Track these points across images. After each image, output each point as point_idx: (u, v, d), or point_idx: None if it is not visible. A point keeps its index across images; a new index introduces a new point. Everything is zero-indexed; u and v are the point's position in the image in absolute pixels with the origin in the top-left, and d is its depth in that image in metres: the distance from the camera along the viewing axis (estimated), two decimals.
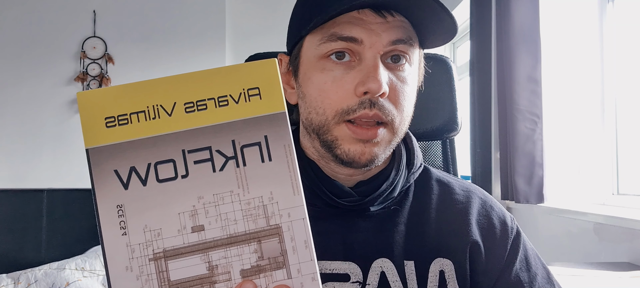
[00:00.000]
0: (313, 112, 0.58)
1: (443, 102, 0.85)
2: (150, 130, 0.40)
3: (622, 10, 1.84)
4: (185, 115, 0.40)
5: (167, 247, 0.39)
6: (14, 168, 2.92)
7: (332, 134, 0.57)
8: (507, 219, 0.67)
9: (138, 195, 0.39)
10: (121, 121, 0.40)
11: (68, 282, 2.38)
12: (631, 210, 1.58)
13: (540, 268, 0.64)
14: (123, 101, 0.40)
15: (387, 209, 0.63)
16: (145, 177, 0.39)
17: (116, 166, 0.39)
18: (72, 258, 2.54)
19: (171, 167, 0.40)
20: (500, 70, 1.89)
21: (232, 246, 0.39)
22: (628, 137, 1.82)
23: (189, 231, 0.39)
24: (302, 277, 0.40)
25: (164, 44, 3.01)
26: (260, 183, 0.40)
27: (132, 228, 0.39)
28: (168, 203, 0.39)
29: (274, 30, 3.19)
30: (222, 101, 0.40)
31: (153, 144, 0.40)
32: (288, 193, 0.40)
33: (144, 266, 0.39)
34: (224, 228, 0.39)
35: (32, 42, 2.96)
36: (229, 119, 0.40)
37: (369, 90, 0.54)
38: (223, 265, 0.39)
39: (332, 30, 0.55)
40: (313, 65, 0.58)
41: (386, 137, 0.58)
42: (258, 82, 0.40)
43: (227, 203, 0.40)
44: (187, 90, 0.40)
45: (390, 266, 0.59)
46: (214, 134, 0.40)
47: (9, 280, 2.42)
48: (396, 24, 0.56)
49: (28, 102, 2.95)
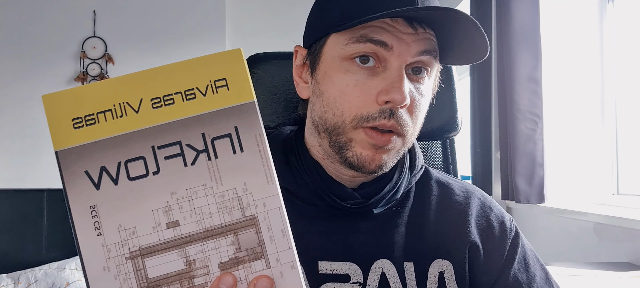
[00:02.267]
0: (329, 112, 0.57)
1: (443, 102, 0.85)
2: (118, 128, 0.40)
3: (622, 10, 1.84)
4: (153, 111, 0.40)
5: (143, 245, 0.39)
6: (14, 168, 2.93)
7: (346, 136, 0.57)
8: (505, 220, 0.67)
9: (110, 195, 0.39)
10: (88, 121, 0.39)
11: (68, 282, 2.38)
12: (631, 210, 1.58)
13: (539, 269, 0.64)
14: (89, 101, 0.40)
15: (388, 210, 0.63)
16: (116, 176, 0.39)
17: (86, 167, 0.39)
18: (72, 259, 2.54)
19: (142, 164, 0.39)
20: (500, 70, 1.89)
21: (209, 240, 0.39)
22: (628, 137, 1.82)
23: (164, 227, 0.39)
24: (282, 266, 0.39)
25: (164, 44, 3.01)
26: (233, 175, 0.39)
27: (107, 228, 0.39)
28: (141, 201, 0.39)
29: (274, 30, 3.20)
30: (190, 94, 0.40)
31: (122, 142, 0.39)
32: (262, 183, 0.40)
33: (121, 265, 0.39)
34: (199, 223, 0.39)
35: (32, 42, 2.96)
36: (197, 112, 0.40)
37: (392, 101, 0.54)
38: (201, 259, 0.39)
39: (362, 32, 0.55)
40: (336, 65, 0.57)
41: (397, 146, 0.58)
42: (225, 73, 0.40)
43: (201, 197, 0.39)
44: (153, 85, 0.40)
45: (391, 267, 0.59)
46: (183, 128, 0.40)
47: (9, 280, 2.42)
48: (425, 37, 0.55)
49: (28, 102, 2.95)
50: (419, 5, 0.54)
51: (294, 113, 0.78)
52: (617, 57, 1.84)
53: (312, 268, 0.58)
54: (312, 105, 0.61)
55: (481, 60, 0.58)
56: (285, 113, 0.83)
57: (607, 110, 1.86)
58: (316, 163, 0.62)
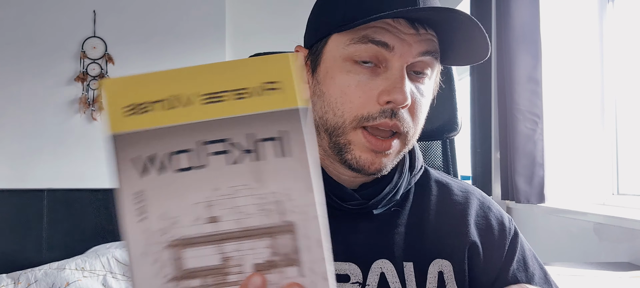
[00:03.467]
0: (330, 112, 0.57)
1: (443, 102, 0.85)
2: (169, 119, 0.40)
3: (622, 10, 1.84)
4: (204, 106, 0.40)
5: (182, 236, 0.39)
6: (14, 168, 2.93)
7: (346, 138, 0.57)
8: (504, 220, 0.67)
9: (156, 183, 0.39)
10: (142, 109, 0.40)
11: (68, 282, 2.38)
12: (631, 210, 1.58)
13: (538, 269, 0.65)
14: (144, 89, 0.40)
15: (388, 211, 0.63)
16: (164, 166, 0.39)
17: (137, 153, 0.40)
18: (72, 258, 2.54)
19: (188, 157, 0.39)
20: (500, 70, 1.89)
21: (246, 239, 0.39)
22: (628, 137, 1.82)
23: (204, 221, 0.39)
24: (314, 276, 0.39)
25: (164, 44, 3.01)
26: (276, 179, 0.39)
27: (150, 215, 0.39)
28: (185, 193, 0.39)
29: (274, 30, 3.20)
30: (241, 93, 0.40)
31: (171, 133, 0.40)
32: (304, 190, 0.39)
33: (160, 252, 0.39)
34: (238, 221, 0.39)
35: (32, 42, 2.96)
36: (247, 111, 0.39)
37: (394, 101, 0.54)
38: (236, 257, 0.39)
39: (363, 32, 0.55)
40: (338, 65, 0.57)
41: (397, 148, 0.58)
42: (279, 76, 0.40)
43: (242, 197, 0.39)
44: (207, 81, 0.40)
45: (390, 267, 0.59)
46: (231, 126, 0.39)
47: (9, 280, 2.42)
48: (427, 38, 0.55)
49: (28, 102, 2.95)
50: (421, 5, 0.54)
51: None
52: (617, 57, 1.84)
53: None
54: (313, 106, 0.61)
55: (482, 61, 0.58)
56: None
57: (607, 110, 1.86)
58: None
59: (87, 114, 2.96)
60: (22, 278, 2.41)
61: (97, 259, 2.50)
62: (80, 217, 2.89)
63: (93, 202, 2.90)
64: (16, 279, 2.41)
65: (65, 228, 2.88)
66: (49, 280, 2.40)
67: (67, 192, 2.90)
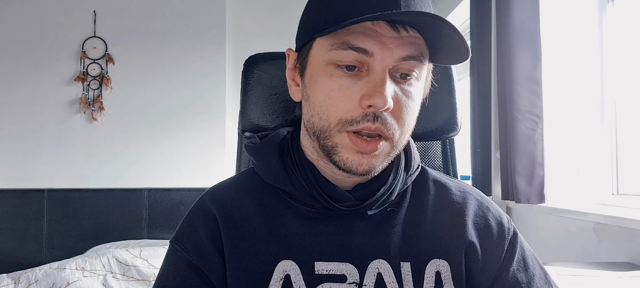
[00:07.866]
0: (316, 116, 0.58)
1: (442, 102, 0.85)
2: None
3: (622, 11, 1.83)
4: None
5: None
6: (14, 168, 2.93)
7: (332, 140, 0.57)
8: (503, 220, 0.67)
9: None
10: None
11: (68, 282, 2.38)
12: (631, 210, 1.57)
13: (538, 269, 0.64)
14: None
15: (383, 211, 0.63)
16: None
17: None
18: (72, 258, 2.54)
19: None
20: (500, 70, 1.89)
21: None
22: (628, 137, 1.82)
23: None
24: None
25: (164, 44, 3.02)
26: None
27: None
28: None
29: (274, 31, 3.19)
30: None
31: None
32: None
33: None
34: None
35: (32, 42, 2.96)
36: None
37: (374, 105, 0.54)
38: None
39: (344, 38, 0.54)
40: (321, 69, 0.57)
41: (386, 150, 0.58)
42: None
43: None
44: None
45: (387, 267, 0.59)
46: None
47: (9, 280, 2.42)
48: (409, 40, 0.55)
49: (28, 102, 2.95)
50: (402, 8, 0.54)
51: (294, 113, 0.78)
52: (616, 57, 1.84)
53: (309, 268, 0.59)
54: (303, 109, 0.62)
55: (463, 61, 0.57)
56: (285, 113, 0.83)
57: (606, 110, 1.86)
58: (311, 164, 0.63)
59: (87, 114, 2.96)
60: (23, 278, 2.41)
61: (98, 259, 2.50)
62: (80, 217, 2.89)
63: (93, 202, 2.91)
64: (16, 279, 2.41)
65: (65, 228, 2.88)
66: (50, 280, 2.40)
67: (67, 192, 2.91)
